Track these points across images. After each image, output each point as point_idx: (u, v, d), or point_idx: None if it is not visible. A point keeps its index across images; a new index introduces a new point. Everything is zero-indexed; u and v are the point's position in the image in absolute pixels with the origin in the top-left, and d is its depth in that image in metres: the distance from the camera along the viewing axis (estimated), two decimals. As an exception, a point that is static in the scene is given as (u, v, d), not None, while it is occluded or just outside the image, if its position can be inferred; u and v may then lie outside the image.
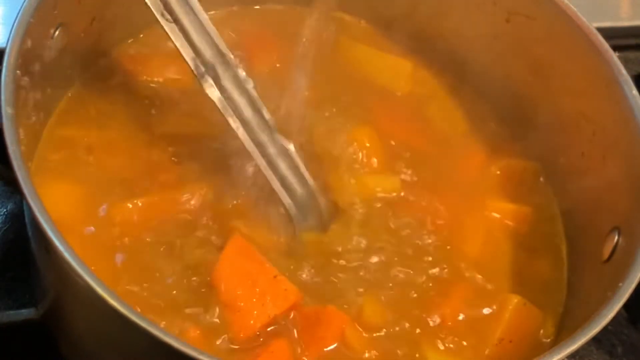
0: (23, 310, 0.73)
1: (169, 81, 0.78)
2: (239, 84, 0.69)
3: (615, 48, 0.74)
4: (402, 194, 0.76)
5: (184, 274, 0.67)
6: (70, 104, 0.74)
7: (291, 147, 0.71)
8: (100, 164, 0.72)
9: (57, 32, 0.68)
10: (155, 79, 0.78)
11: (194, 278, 0.66)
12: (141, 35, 0.80)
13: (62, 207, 0.67)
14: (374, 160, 0.77)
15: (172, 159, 0.73)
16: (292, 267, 0.69)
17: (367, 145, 0.78)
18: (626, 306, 0.61)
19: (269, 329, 0.65)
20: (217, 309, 0.65)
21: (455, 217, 0.76)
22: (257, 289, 0.65)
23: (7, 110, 0.58)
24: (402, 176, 0.77)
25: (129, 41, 0.80)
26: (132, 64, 0.79)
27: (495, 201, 0.78)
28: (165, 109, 0.76)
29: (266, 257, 0.67)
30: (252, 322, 0.64)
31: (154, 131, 0.75)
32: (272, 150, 0.71)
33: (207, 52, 0.68)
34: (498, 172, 0.80)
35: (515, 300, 0.70)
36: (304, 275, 0.69)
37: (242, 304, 0.65)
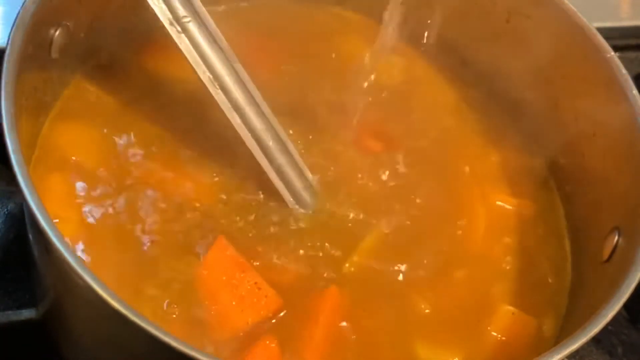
0: (23, 311, 0.73)
1: (176, 73, 0.78)
2: (248, 95, 0.70)
3: (615, 48, 0.74)
4: (401, 183, 0.76)
5: (170, 266, 0.67)
6: (70, 99, 0.75)
7: (299, 158, 0.72)
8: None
9: (57, 32, 0.68)
10: (161, 71, 0.78)
11: (179, 270, 0.67)
12: (142, 32, 0.80)
13: (78, 147, 0.71)
14: (371, 154, 0.78)
15: (182, 147, 0.74)
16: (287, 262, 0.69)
17: (364, 139, 0.78)
18: (626, 306, 0.61)
19: (258, 326, 0.65)
20: (199, 310, 0.65)
21: (455, 209, 0.76)
22: (238, 294, 0.65)
23: (8, 110, 0.58)
24: (401, 166, 0.77)
25: (131, 37, 0.80)
26: (135, 58, 0.79)
27: (497, 193, 0.78)
28: (175, 103, 0.76)
29: (252, 260, 0.67)
30: (230, 326, 0.64)
31: (161, 123, 0.75)
32: (281, 159, 0.71)
33: (216, 62, 0.69)
34: (498, 162, 0.80)
35: (504, 310, 0.70)
36: (301, 269, 0.69)
37: (221, 307, 0.65)
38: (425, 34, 0.86)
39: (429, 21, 0.85)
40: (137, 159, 0.72)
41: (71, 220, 0.67)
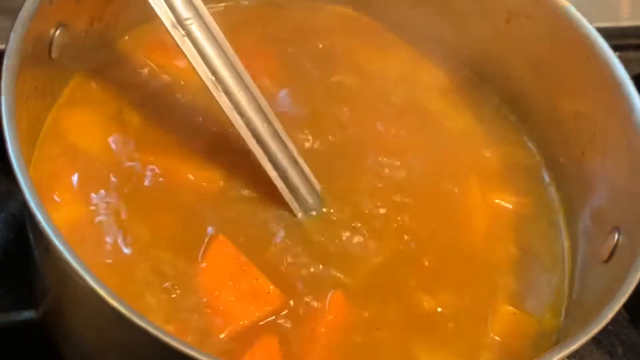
0: (23, 311, 0.73)
1: (178, 72, 0.78)
2: (251, 97, 0.70)
3: (615, 48, 0.74)
4: (401, 183, 0.76)
5: (170, 262, 0.67)
6: (70, 98, 0.75)
7: (300, 158, 0.72)
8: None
9: (57, 32, 0.68)
10: (162, 70, 0.78)
11: (178, 267, 0.66)
12: (143, 31, 0.80)
13: (79, 143, 0.71)
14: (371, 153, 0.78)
15: (184, 146, 0.74)
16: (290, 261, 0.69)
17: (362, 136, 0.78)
18: (626, 306, 0.61)
19: (259, 324, 0.65)
20: (200, 309, 0.64)
21: (455, 208, 0.76)
22: (240, 291, 0.65)
23: (8, 110, 0.58)
24: (401, 165, 0.77)
25: (131, 35, 0.80)
26: (135, 57, 0.79)
27: (496, 192, 0.78)
28: (177, 102, 0.76)
29: (256, 255, 0.67)
30: (232, 324, 0.64)
31: (163, 122, 0.75)
32: (283, 160, 0.71)
33: (219, 64, 0.69)
34: (497, 162, 0.80)
35: (504, 310, 0.70)
36: (303, 270, 0.69)
37: (223, 305, 0.65)
38: (424, 34, 0.86)
39: (427, 20, 0.85)
40: (137, 157, 0.72)
41: (71, 209, 0.67)
